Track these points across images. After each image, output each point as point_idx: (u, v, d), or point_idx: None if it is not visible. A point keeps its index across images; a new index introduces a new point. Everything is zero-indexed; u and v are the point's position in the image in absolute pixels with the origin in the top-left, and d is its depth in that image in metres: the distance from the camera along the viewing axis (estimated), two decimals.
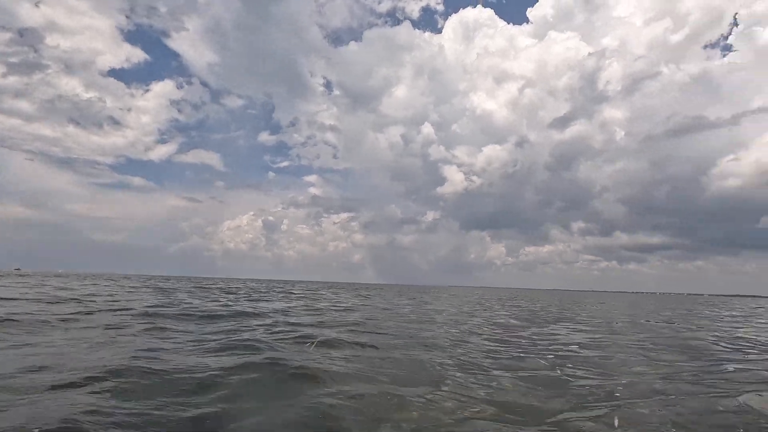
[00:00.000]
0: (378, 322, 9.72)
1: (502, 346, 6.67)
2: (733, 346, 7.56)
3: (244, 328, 7.36)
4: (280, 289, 29.99)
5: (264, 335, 6.52)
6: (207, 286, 29.59)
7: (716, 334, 9.75)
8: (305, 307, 13.17)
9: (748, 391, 4.16)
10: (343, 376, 4.25)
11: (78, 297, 13.08)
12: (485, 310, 15.99)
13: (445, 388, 4.01)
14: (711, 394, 4.09)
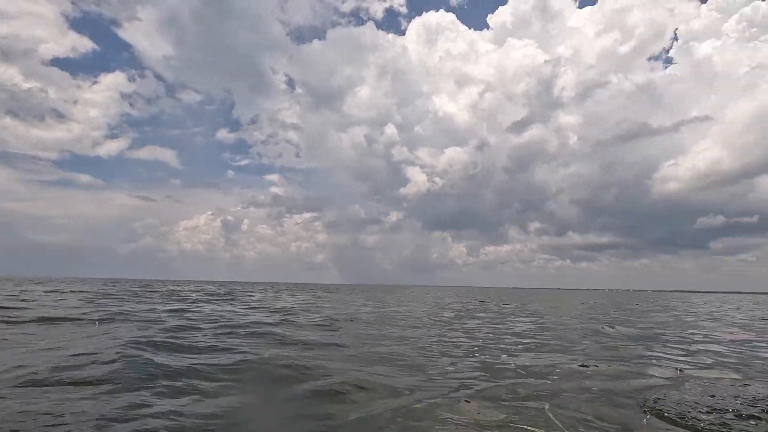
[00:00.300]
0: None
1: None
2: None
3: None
4: (237, 292, 28.05)
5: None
6: (145, 291, 27.14)
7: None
8: (264, 309, 11.83)
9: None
10: None
11: None
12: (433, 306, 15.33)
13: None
14: None
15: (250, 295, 23.28)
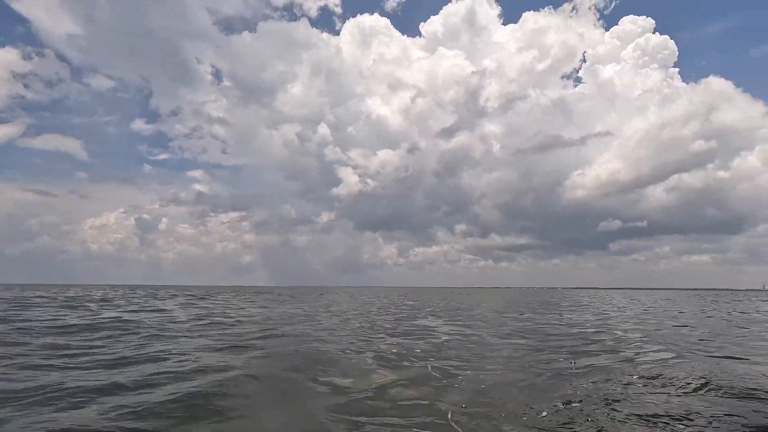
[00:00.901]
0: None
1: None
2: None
3: None
4: (149, 297, 25.42)
5: None
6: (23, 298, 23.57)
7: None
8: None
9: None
10: None
11: None
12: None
13: None
14: None
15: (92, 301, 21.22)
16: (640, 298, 39.74)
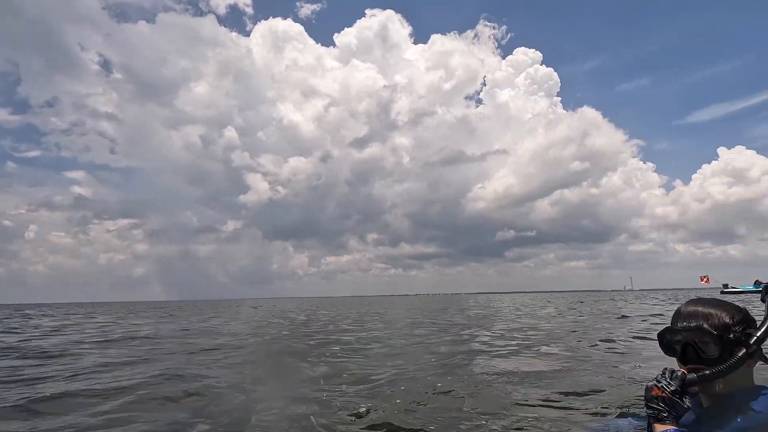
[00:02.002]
0: None
1: None
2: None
3: None
4: None
5: None
6: None
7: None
8: None
9: None
10: None
11: None
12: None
13: None
14: None
15: None
16: (524, 299, 43.81)
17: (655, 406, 1.36)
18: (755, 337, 1.34)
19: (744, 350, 1.33)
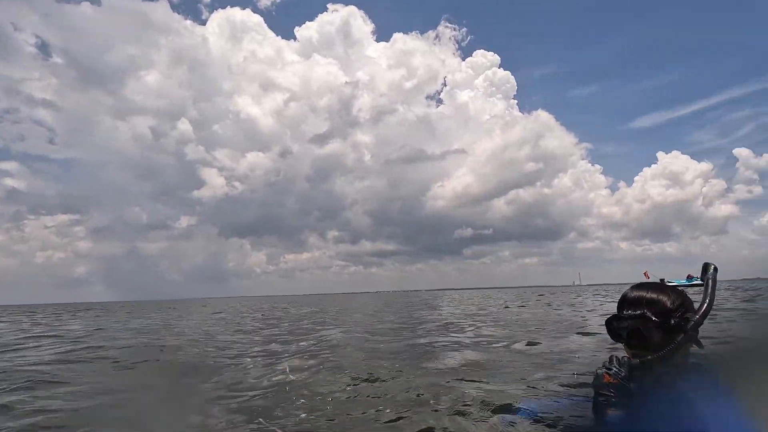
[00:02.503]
0: None
1: None
2: None
3: None
4: None
5: None
6: None
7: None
8: None
9: None
10: None
11: None
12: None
13: None
14: None
15: None
16: (473, 295, 44.80)
17: (606, 392, 1.41)
18: (692, 322, 1.41)
19: (683, 335, 1.40)
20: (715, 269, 1.52)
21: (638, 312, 1.48)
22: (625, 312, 1.52)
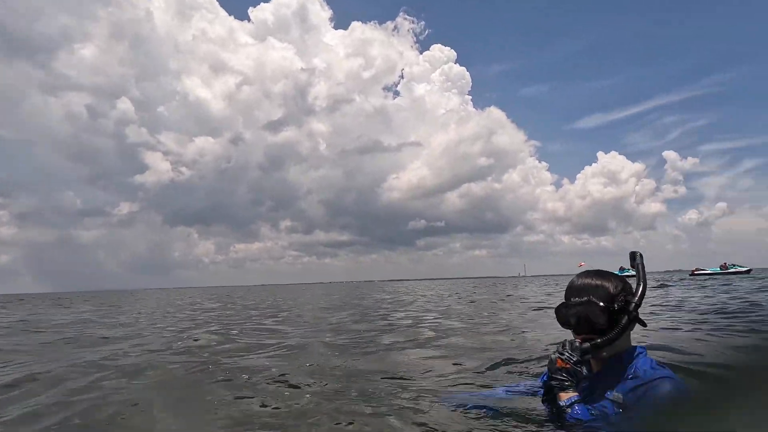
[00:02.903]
0: None
1: None
2: None
3: None
4: None
5: None
6: None
7: None
8: None
9: None
10: None
11: None
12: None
13: None
14: None
15: None
16: (431, 286, 45.24)
17: (559, 377, 1.52)
18: (633, 304, 1.52)
19: (626, 317, 1.51)
20: (641, 256, 1.65)
21: (584, 299, 1.55)
22: (573, 299, 1.59)
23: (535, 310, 8.96)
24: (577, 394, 1.49)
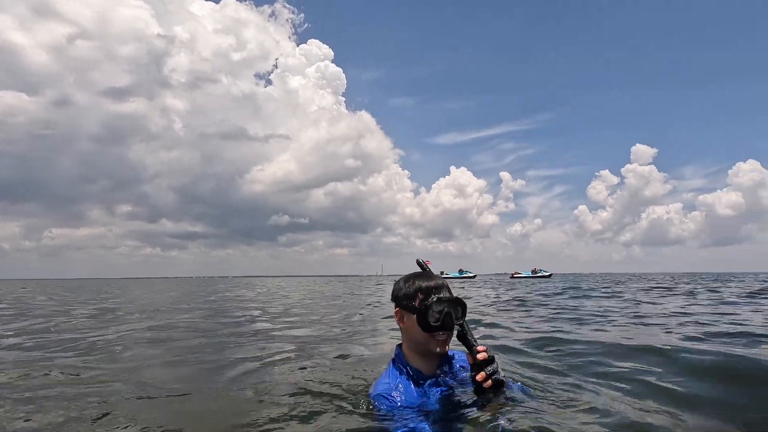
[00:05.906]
0: None
1: None
2: None
3: None
4: None
5: None
6: None
7: None
8: None
9: None
10: None
11: None
12: None
13: None
14: None
15: None
16: (288, 283, 44.45)
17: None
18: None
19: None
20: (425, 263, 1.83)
21: (454, 296, 1.58)
22: (443, 295, 1.57)
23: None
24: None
